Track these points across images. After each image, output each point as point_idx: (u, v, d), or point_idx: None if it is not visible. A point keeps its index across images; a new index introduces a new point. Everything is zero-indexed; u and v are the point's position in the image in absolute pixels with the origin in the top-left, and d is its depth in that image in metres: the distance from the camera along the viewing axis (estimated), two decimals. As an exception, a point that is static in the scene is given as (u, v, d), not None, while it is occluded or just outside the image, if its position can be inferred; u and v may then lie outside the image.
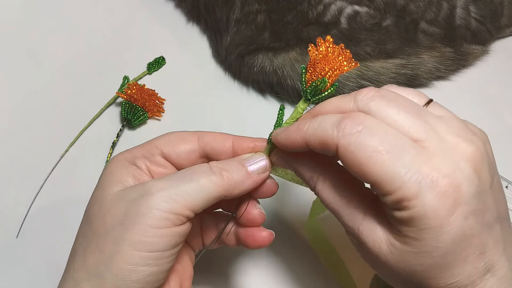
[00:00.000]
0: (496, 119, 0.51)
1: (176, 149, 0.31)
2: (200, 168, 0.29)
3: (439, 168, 0.23)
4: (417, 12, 0.49)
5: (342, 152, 0.24)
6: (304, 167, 0.28)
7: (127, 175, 0.29)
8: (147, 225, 0.26)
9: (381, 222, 0.25)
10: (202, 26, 0.56)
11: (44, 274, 0.43)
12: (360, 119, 0.24)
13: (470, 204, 0.23)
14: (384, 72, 0.49)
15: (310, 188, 0.29)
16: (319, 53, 0.29)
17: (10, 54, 0.54)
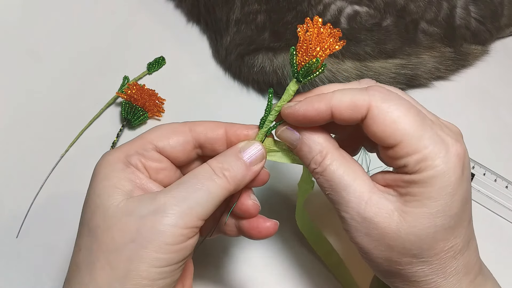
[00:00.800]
0: (496, 119, 0.51)
1: (170, 142, 0.30)
2: (204, 172, 0.28)
3: (449, 136, 0.27)
4: (417, 12, 0.49)
5: (374, 112, 0.26)
6: (315, 142, 0.29)
7: (124, 180, 0.28)
8: (164, 243, 0.26)
9: (388, 195, 0.27)
10: (202, 26, 0.56)
11: (44, 274, 0.43)
12: (387, 88, 0.28)
13: (468, 171, 0.27)
14: (384, 72, 0.49)
15: (313, 166, 0.29)
16: (309, 34, 0.29)
17: (10, 54, 0.54)
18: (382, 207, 0.27)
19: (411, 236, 0.26)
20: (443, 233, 0.27)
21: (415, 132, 0.26)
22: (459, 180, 0.26)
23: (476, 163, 0.48)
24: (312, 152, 0.29)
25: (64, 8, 0.57)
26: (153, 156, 0.30)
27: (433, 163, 0.25)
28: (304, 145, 0.29)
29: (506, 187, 0.47)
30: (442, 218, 0.26)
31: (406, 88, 0.51)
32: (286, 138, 0.30)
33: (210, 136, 0.31)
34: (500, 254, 0.45)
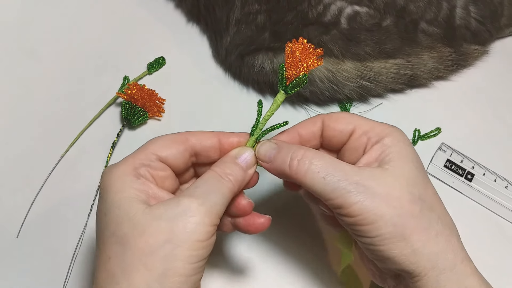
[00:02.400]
0: (496, 119, 0.51)
1: (172, 151, 0.33)
2: (213, 178, 0.31)
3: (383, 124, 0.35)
4: (417, 12, 0.49)
5: (326, 121, 0.35)
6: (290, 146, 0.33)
7: (138, 191, 0.30)
8: (196, 240, 0.28)
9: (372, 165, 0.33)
10: (202, 26, 0.56)
11: (44, 274, 0.43)
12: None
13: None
14: (384, 72, 0.49)
15: (294, 162, 0.32)
16: (299, 52, 0.33)
17: (10, 54, 0.54)
18: (374, 168, 0.31)
19: (407, 179, 0.30)
20: (426, 176, 0.32)
21: (363, 119, 0.34)
22: (407, 138, 0.33)
23: (476, 163, 0.48)
24: (290, 152, 0.32)
25: (64, 8, 0.57)
26: (158, 166, 0.32)
27: (389, 129, 0.32)
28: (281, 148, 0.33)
29: (506, 187, 0.47)
30: (418, 162, 0.32)
31: (406, 88, 0.51)
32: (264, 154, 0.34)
33: (205, 144, 0.34)
34: (500, 254, 0.45)
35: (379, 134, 0.32)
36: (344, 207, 0.29)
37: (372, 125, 0.33)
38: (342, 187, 0.29)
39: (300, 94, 0.49)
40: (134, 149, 0.49)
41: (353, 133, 0.33)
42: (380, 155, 0.31)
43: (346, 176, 0.30)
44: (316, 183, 0.30)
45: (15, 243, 0.44)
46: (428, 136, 0.50)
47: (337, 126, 0.34)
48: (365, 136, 0.33)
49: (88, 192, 0.47)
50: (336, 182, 0.29)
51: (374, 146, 0.32)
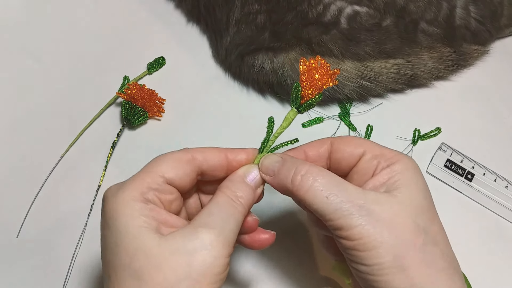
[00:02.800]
0: (495, 119, 0.51)
1: (179, 173, 0.31)
2: (225, 202, 0.30)
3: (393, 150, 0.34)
4: (416, 12, 0.49)
5: (335, 143, 0.34)
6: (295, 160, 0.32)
7: (149, 218, 0.29)
8: (215, 274, 0.27)
9: (380, 188, 0.32)
10: (202, 26, 0.56)
11: (44, 274, 0.43)
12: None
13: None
14: (383, 72, 0.49)
15: (298, 178, 0.30)
16: (318, 73, 0.32)
17: (10, 54, 0.54)
18: (380, 193, 0.30)
19: (414, 208, 0.29)
20: (434, 208, 0.31)
21: (373, 144, 0.33)
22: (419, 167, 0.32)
23: (476, 163, 0.48)
24: (293, 167, 0.31)
25: (64, 8, 0.57)
26: (166, 189, 0.31)
27: (400, 156, 0.31)
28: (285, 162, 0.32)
29: (506, 187, 0.47)
30: (427, 193, 0.31)
31: (406, 88, 0.51)
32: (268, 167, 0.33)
33: (211, 163, 0.32)
34: (500, 254, 0.45)
35: (390, 160, 0.31)
36: (345, 229, 0.28)
37: (382, 150, 0.32)
38: (345, 208, 0.28)
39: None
40: (134, 149, 0.49)
41: (363, 156, 0.32)
42: (388, 180, 0.30)
43: (350, 197, 0.28)
44: (318, 201, 0.29)
45: (15, 243, 0.44)
46: (428, 136, 0.50)
47: (347, 148, 0.33)
48: (375, 160, 0.32)
49: (88, 192, 0.47)
50: (338, 202, 0.28)
51: (383, 171, 0.31)
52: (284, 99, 0.51)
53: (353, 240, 0.28)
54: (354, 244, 0.28)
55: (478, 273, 0.43)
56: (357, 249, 0.28)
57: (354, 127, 0.50)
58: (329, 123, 0.50)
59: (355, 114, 0.51)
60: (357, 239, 0.28)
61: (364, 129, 0.50)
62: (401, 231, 0.28)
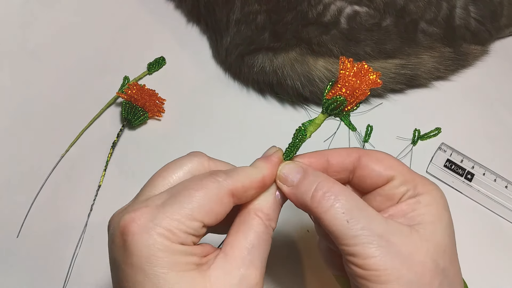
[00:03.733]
0: (495, 119, 0.51)
1: (215, 216, 0.27)
2: (263, 232, 0.28)
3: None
4: (416, 12, 0.49)
5: (364, 160, 0.31)
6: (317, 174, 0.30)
7: (190, 259, 0.26)
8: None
9: (399, 220, 0.29)
10: (202, 26, 0.56)
11: (44, 274, 0.43)
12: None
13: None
14: (383, 72, 0.49)
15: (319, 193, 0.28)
16: (359, 80, 0.30)
17: (10, 54, 0.54)
18: (402, 225, 0.28)
19: (436, 247, 0.27)
20: (455, 248, 0.29)
21: (405, 167, 0.30)
22: (447, 201, 0.30)
23: (476, 163, 0.48)
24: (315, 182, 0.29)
25: (64, 8, 0.57)
26: (201, 232, 0.27)
27: (430, 186, 0.29)
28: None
29: (505, 187, 0.47)
30: (451, 231, 0.29)
31: (406, 88, 0.51)
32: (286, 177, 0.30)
33: (248, 189, 0.29)
34: (500, 254, 0.45)
35: (418, 189, 0.29)
36: (360, 257, 0.26)
37: (413, 176, 0.30)
38: (364, 235, 0.26)
39: (299, 94, 0.49)
40: (134, 149, 0.49)
41: (392, 181, 0.30)
42: (413, 212, 0.28)
43: (371, 225, 0.27)
44: (337, 224, 0.27)
45: (15, 243, 0.44)
46: (428, 136, 0.50)
47: (376, 168, 0.30)
48: (405, 187, 0.29)
49: (88, 192, 0.47)
50: (359, 229, 0.26)
51: (409, 200, 0.29)
52: (284, 99, 0.51)
53: (367, 270, 0.26)
54: (367, 274, 0.26)
55: (478, 273, 0.43)
56: (369, 280, 0.26)
57: (354, 127, 0.50)
58: (329, 123, 0.50)
59: (355, 114, 0.51)
60: (371, 270, 0.26)
61: (364, 129, 0.50)
62: (419, 269, 0.26)
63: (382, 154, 0.31)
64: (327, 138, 0.50)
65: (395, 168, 0.30)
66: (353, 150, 0.31)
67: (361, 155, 0.31)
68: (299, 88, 0.49)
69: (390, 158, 0.31)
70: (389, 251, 0.26)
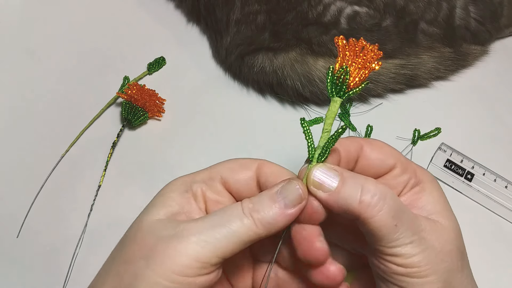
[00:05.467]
0: (496, 119, 0.51)
1: (235, 176, 0.30)
2: (233, 210, 0.27)
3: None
4: (416, 13, 0.49)
5: (366, 151, 0.31)
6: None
7: (174, 202, 0.28)
8: (169, 270, 0.25)
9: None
10: (202, 26, 0.56)
11: (44, 274, 0.43)
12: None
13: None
14: (383, 72, 0.50)
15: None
16: (356, 53, 0.29)
17: (10, 54, 0.54)
18: (426, 218, 0.29)
19: (455, 233, 0.29)
20: (461, 233, 0.30)
21: (401, 155, 0.31)
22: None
23: (476, 163, 0.48)
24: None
25: (64, 8, 0.57)
26: (217, 187, 0.30)
27: (426, 172, 0.31)
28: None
29: (505, 187, 0.47)
30: (453, 213, 0.30)
31: (406, 88, 0.51)
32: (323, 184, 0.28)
33: (270, 181, 0.29)
34: (500, 254, 0.45)
35: (418, 177, 0.30)
36: (403, 256, 0.27)
37: (411, 164, 0.30)
38: (407, 236, 0.27)
39: (299, 94, 0.49)
40: (134, 149, 0.49)
41: (394, 168, 0.30)
42: (420, 202, 0.29)
43: (412, 225, 0.27)
44: (386, 227, 0.26)
45: (15, 243, 0.44)
46: (428, 136, 0.50)
47: (379, 156, 0.30)
48: (406, 175, 0.30)
49: (88, 192, 0.47)
50: (404, 230, 0.27)
51: (413, 189, 0.30)
52: (284, 99, 0.51)
53: (409, 268, 0.27)
54: (408, 272, 0.27)
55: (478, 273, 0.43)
56: (410, 276, 0.27)
57: (354, 127, 0.50)
58: (329, 123, 0.50)
59: (355, 114, 0.51)
60: (413, 267, 0.27)
61: (364, 129, 0.50)
62: (449, 258, 0.28)
63: (381, 143, 0.31)
64: (327, 138, 0.50)
65: (395, 156, 0.30)
66: (355, 139, 0.31)
67: (363, 144, 0.31)
68: (299, 88, 0.49)
69: (388, 146, 0.31)
70: (426, 247, 0.27)
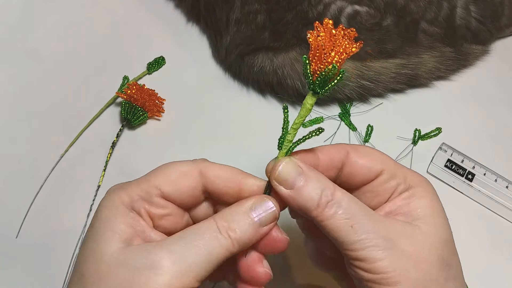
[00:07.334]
0: (496, 119, 0.51)
1: (177, 187, 0.28)
2: (208, 230, 0.26)
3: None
4: (417, 12, 0.49)
5: (352, 156, 0.30)
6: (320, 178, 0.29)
7: (124, 225, 0.26)
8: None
9: (397, 217, 0.29)
10: (202, 26, 0.56)
11: (44, 274, 0.43)
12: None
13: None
14: (384, 72, 0.49)
15: (325, 198, 0.27)
16: (321, 38, 0.26)
17: (10, 54, 0.54)
18: (403, 223, 0.27)
19: (439, 241, 0.27)
20: (452, 237, 0.28)
21: (391, 161, 0.30)
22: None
23: (477, 163, 0.48)
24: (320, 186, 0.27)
25: (64, 8, 0.57)
26: (158, 202, 0.28)
27: (418, 177, 0.29)
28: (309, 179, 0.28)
29: (506, 187, 0.47)
30: (447, 221, 0.29)
31: (407, 88, 0.51)
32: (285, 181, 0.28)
33: (221, 189, 0.29)
34: (500, 254, 0.45)
35: (408, 182, 0.29)
36: (368, 261, 0.26)
37: (401, 169, 0.29)
38: (369, 239, 0.26)
39: (300, 93, 0.49)
40: (134, 149, 0.49)
41: (381, 175, 0.29)
42: (408, 207, 0.28)
43: (376, 227, 0.26)
44: (342, 230, 0.26)
45: (15, 243, 0.44)
46: (428, 136, 0.50)
47: (365, 163, 0.29)
48: (394, 180, 0.29)
49: (88, 192, 0.47)
50: (364, 233, 0.26)
51: (401, 195, 0.29)
52: (284, 99, 0.51)
53: (375, 274, 0.26)
54: (375, 278, 0.26)
55: (478, 273, 0.43)
56: (378, 283, 0.26)
57: (355, 127, 0.50)
58: (329, 123, 0.50)
59: (355, 114, 0.51)
60: (380, 273, 0.26)
61: (364, 129, 0.50)
62: (426, 266, 0.26)
63: (369, 149, 0.30)
64: (327, 138, 0.49)
65: (383, 161, 0.30)
66: (341, 146, 0.30)
67: (349, 151, 0.30)
68: (299, 88, 0.49)
69: (377, 152, 0.30)
70: (395, 252, 0.26)
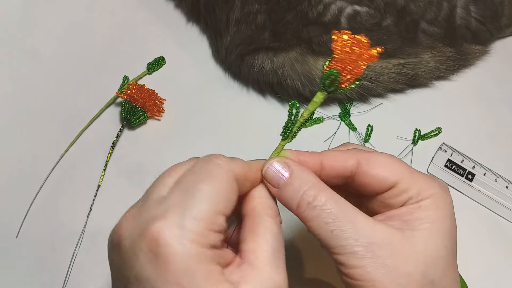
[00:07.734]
0: (496, 119, 0.51)
1: (233, 204, 0.26)
2: (277, 230, 0.27)
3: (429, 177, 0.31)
4: (417, 12, 0.49)
5: (365, 163, 0.29)
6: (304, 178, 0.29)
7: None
8: None
9: (392, 224, 0.28)
10: (202, 26, 0.56)
11: (44, 275, 0.43)
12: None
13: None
14: (384, 72, 0.49)
15: (307, 199, 0.27)
16: (349, 49, 0.28)
17: (10, 54, 0.54)
18: (393, 232, 0.27)
19: (427, 258, 0.26)
20: (452, 257, 0.27)
21: (408, 171, 0.28)
22: (452, 205, 0.28)
23: (477, 163, 0.48)
24: (302, 186, 0.28)
25: (64, 8, 0.57)
26: (225, 227, 0.26)
27: (433, 190, 0.28)
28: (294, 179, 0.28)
29: (506, 187, 0.47)
30: (450, 240, 0.27)
31: (407, 88, 0.51)
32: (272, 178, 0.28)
33: (250, 180, 0.28)
34: (500, 254, 0.45)
35: (421, 194, 0.27)
36: (346, 267, 0.26)
37: (417, 182, 0.28)
38: (349, 245, 0.25)
39: (299, 93, 0.49)
40: (134, 149, 0.49)
41: (394, 187, 0.28)
42: (410, 216, 0.27)
43: (357, 234, 0.26)
44: (322, 233, 0.26)
45: (15, 243, 0.44)
46: (428, 136, 0.50)
47: (377, 174, 0.28)
48: (407, 194, 0.28)
49: (88, 192, 0.47)
50: (344, 239, 0.26)
51: (410, 205, 0.28)
52: (284, 99, 0.51)
53: (352, 280, 0.26)
54: (352, 283, 0.26)
55: (478, 273, 0.43)
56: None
57: (354, 127, 0.50)
58: (329, 123, 0.50)
59: (355, 114, 0.51)
60: (355, 279, 0.26)
61: (364, 129, 0.50)
62: (404, 281, 0.25)
63: (384, 158, 0.29)
64: (327, 138, 0.49)
65: (398, 172, 0.28)
66: (351, 154, 0.29)
67: (360, 161, 0.28)
68: (299, 88, 0.49)
69: (393, 162, 0.28)
70: (374, 262, 0.25)
